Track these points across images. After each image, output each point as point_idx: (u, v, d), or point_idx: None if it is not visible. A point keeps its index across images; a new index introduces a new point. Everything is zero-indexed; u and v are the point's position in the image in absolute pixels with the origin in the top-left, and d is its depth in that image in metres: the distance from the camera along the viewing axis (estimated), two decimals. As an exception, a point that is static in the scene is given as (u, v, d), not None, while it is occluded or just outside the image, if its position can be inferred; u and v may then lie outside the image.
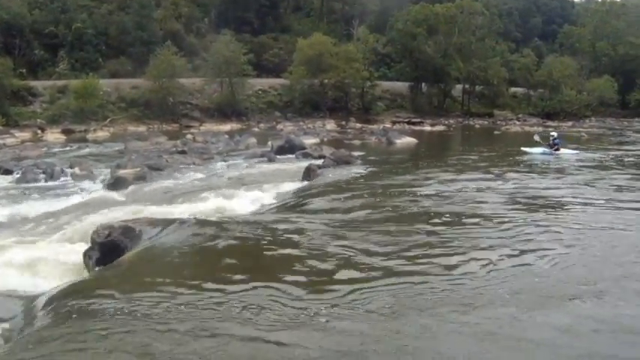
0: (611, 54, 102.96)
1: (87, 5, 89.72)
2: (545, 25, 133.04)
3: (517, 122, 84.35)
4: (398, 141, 49.13)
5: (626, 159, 36.42)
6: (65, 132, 59.41)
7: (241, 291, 10.30)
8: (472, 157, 37.09)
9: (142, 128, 64.97)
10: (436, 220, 16.01)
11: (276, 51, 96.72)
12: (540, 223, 15.58)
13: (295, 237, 14.07)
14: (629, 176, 27.12)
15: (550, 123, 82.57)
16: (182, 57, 75.42)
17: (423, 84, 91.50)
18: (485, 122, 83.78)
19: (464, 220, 16.07)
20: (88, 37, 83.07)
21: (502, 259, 12.15)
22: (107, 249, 13.97)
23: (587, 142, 51.22)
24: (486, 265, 11.81)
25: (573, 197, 20.10)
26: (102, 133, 60.24)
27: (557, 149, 38.55)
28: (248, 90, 78.46)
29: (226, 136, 52.65)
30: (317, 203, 19.43)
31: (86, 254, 14.23)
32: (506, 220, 16.03)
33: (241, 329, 8.64)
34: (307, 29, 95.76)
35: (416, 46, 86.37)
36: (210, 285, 10.68)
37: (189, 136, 52.75)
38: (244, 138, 50.04)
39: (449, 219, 16.32)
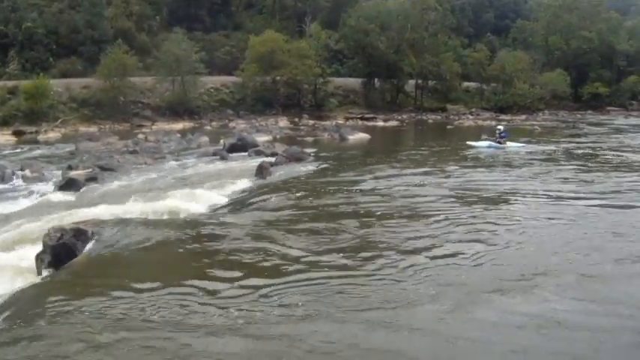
0: (564, 48, 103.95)
1: (37, 4, 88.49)
2: (497, 20, 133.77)
3: (470, 117, 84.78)
4: (350, 137, 49.37)
5: (575, 151, 37.12)
6: (16, 133, 58.77)
7: (186, 293, 10.59)
8: (422, 152, 37.73)
9: (93, 128, 64.38)
10: (371, 219, 16.39)
11: (228, 48, 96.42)
12: (477, 218, 16.03)
13: (242, 237, 14.46)
14: (573, 169, 27.78)
15: (503, 117, 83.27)
16: (133, 55, 74.78)
17: (376, 80, 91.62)
18: (439, 117, 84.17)
19: (400, 216, 16.46)
20: (39, 36, 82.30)
21: (432, 256, 12.46)
22: (59, 252, 14.01)
23: (539, 135, 52.10)
24: (415, 261, 12.12)
25: (514, 191, 20.67)
26: (53, 134, 59.72)
27: (504, 142, 39.12)
28: (200, 88, 77.98)
29: (178, 135, 52.57)
30: (266, 202, 19.80)
31: (38, 257, 14.24)
32: (442, 215, 16.51)
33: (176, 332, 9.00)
34: (259, 26, 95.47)
35: (368, 42, 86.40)
36: (159, 286, 10.94)
37: (140, 136, 52.41)
38: (196, 137, 49.98)
39: (386, 215, 16.71)
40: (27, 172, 31.18)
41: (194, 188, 24.07)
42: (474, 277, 11.06)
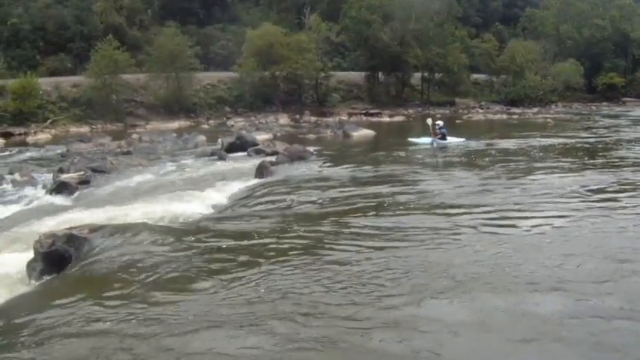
0: (576, 37, 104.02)
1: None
2: (506, 8, 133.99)
3: (480, 110, 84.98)
4: (355, 134, 49.37)
5: (592, 146, 36.91)
6: (3, 135, 58.60)
7: (187, 300, 10.52)
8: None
9: (84, 129, 64.38)
10: (379, 218, 16.46)
11: (224, 43, 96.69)
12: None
13: (243, 240, 14.43)
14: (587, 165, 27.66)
15: (515, 110, 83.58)
16: (125, 52, 74.46)
17: (380, 73, 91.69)
18: (447, 111, 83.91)
19: (414, 214, 16.48)
20: (25, 33, 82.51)
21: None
22: (51, 259, 13.92)
23: (552, 128, 51.80)
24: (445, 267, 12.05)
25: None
26: (43, 136, 59.72)
27: (444, 138, 39.24)
28: (196, 85, 78.04)
29: (174, 135, 52.49)
30: (267, 203, 19.78)
31: (29, 265, 14.13)
32: (467, 219, 16.30)
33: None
34: (256, 19, 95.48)
35: (371, 34, 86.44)
36: (157, 294, 10.86)
37: (134, 136, 52.29)
38: (193, 136, 49.94)
39: (396, 213, 16.68)
40: (16, 176, 31.04)
41: (192, 190, 23.97)
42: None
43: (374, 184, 22.92)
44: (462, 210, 17.20)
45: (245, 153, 38.39)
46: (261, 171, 27.64)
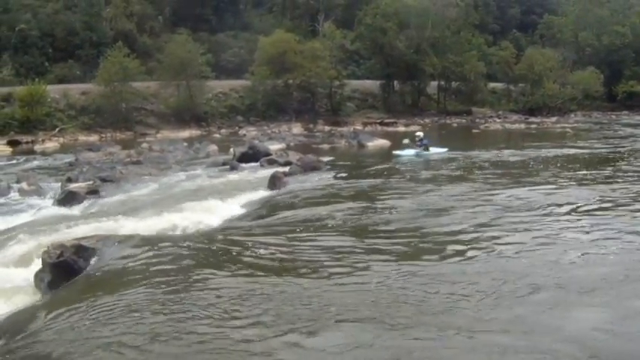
0: (595, 44, 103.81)
1: (31, 5, 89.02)
2: (524, 15, 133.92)
3: (497, 120, 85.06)
4: (370, 144, 49.35)
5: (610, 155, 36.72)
6: (11, 143, 58.95)
7: (198, 316, 10.44)
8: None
9: (93, 137, 64.66)
10: (398, 233, 16.18)
11: (236, 50, 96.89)
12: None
13: (256, 253, 14.28)
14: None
15: (533, 119, 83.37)
16: (135, 59, 75.05)
17: (396, 82, 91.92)
18: (463, 120, 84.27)
19: (436, 232, 16.27)
20: (33, 39, 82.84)
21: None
22: (59, 270, 13.86)
23: (570, 138, 51.64)
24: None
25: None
26: (51, 144, 59.98)
27: (426, 149, 39.39)
28: (207, 93, 78.39)
29: (185, 144, 52.62)
30: (280, 215, 19.68)
31: (37, 276, 14.13)
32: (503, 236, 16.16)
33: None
34: (269, 26, 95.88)
35: (386, 42, 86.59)
36: (167, 306, 10.80)
37: (144, 145, 52.54)
38: (204, 145, 50.12)
39: (414, 228, 16.55)
40: (23, 185, 31.05)
41: (202, 200, 23.92)
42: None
43: (389, 196, 22.82)
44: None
45: (257, 163, 38.32)
46: (273, 182, 27.58)
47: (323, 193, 24.10)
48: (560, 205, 18.98)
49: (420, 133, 41.97)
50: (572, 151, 40.81)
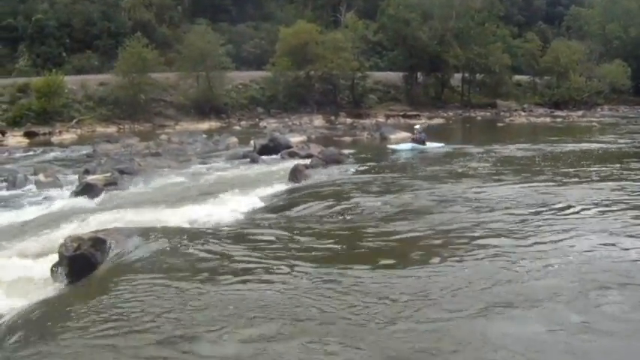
0: (623, 37, 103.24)
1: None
2: (550, 6, 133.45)
3: (522, 113, 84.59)
4: (392, 136, 49.03)
5: None
6: (28, 135, 59.14)
7: (216, 304, 10.35)
8: (471, 150, 37.46)
9: (111, 129, 64.78)
10: (426, 229, 15.91)
11: (256, 41, 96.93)
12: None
13: (279, 247, 14.21)
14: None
15: (559, 112, 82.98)
16: (154, 49, 75.18)
17: (419, 73, 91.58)
18: (488, 114, 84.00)
19: (470, 227, 16.04)
20: (50, 29, 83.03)
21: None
22: (77, 263, 13.80)
23: (597, 132, 51.45)
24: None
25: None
26: (68, 136, 60.03)
27: (423, 143, 39.30)
28: (227, 84, 78.30)
29: (204, 136, 52.76)
30: (304, 209, 19.51)
31: (54, 269, 14.08)
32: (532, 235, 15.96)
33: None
34: (290, 16, 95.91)
35: (410, 33, 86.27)
36: (186, 301, 10.70)
37: (163, 137, 52.66)
38: (224, 137, 50.12)
39: (444, 223, 16.37)
40: (40, 177, 31.02)
41: (222, 193, 23.85)
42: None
43: (413, 190, 22.66)
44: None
45: (278, 156, 38.35)
46: (295, 174, 27.49)
47: (345, 187, 23.94)
48: (547, 205, 18.43)
49: (418, 126, 42.23)
50: (599, 145, 40.55)
